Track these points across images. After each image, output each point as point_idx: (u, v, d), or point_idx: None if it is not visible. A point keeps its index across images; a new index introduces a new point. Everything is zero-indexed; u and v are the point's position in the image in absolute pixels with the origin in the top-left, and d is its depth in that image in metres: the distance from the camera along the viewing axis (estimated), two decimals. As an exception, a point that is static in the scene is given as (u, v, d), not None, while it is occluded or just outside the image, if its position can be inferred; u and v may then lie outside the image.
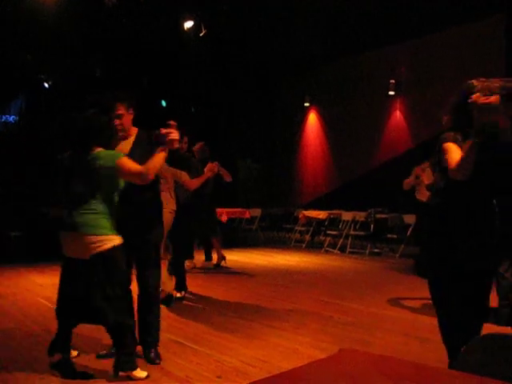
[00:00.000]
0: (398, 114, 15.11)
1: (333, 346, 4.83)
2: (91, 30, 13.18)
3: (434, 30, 13.14)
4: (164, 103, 17.33)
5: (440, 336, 3.54)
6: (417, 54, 14.19)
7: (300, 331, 5.62)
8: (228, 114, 18.85)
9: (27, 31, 12.90)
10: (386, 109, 15.26)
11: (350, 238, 12.86)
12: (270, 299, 7.33)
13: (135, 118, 4.62)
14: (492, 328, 3.33)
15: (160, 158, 4.21)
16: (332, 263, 11.18)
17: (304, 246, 13.92)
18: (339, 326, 5.89)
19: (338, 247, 12.95)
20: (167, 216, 6.00)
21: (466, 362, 1.83)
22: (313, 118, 17.82)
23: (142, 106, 4.92)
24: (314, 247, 13.74)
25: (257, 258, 11.72)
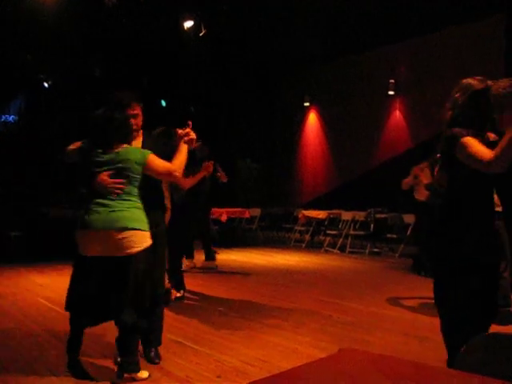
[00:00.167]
0: (397, 113, 15.12)
1: (332, 346, 4.83)
2: (91, 29, 13.19)
3: (433, 30, 13.15)
4: (164, 103, 17.34)
5: (440, 335, 3.54)
6: (416, 53, 14.20)
7: (300, 331, 5.62)
8: (228, 113, 18.86)
9: (27, 31, 12.91)
10: (385, 108, 15.27)
11: (349, 238, 12.86)
12: (270, 299, 7.33)
13: None
14: (492, 327, 3.33)
15: (184, 155, 4.26)
16: (332, 263, 11.18)
17: (304, 245, 13.93)
18: (339, 325, 5.89)
19: (337, 247, 12.95)
20: None
21: (467, 361, 1.83)
22: (312, 118, 17.82)
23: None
24: (313, 247, 13.75)
25: (256, 258, 11.73)
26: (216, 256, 10.25)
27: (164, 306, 4.97)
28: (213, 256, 10.16)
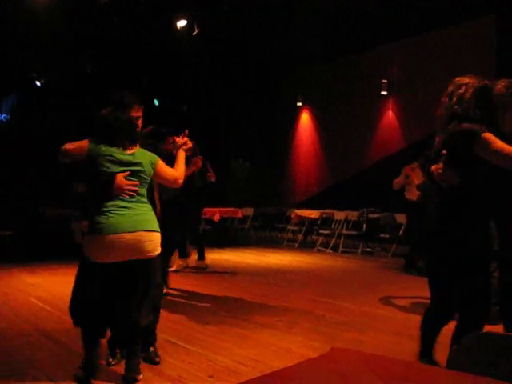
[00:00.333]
0: (390, 113, 15.14)
1: (325, 345, 4.83)
2: (83, 27, 13.15)
3: (426, 31, 13.18)
4: (157, 102, 17.31)
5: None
6: (409, 53, 14.23)
7: (292, 330, 5.61)
8: (221, 113, 18.85)
9: (19, 30, 12.86)
10: (378, 108, 15.29)
11: (342, 238, 12.87)
12: (263, 298, 7.33)
13: None
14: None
15: (184, 163, 4.34)
16: (324, 262, 11.19)
17: (296, 245, 13.93)
18: (331, 325, 5.89)
19: (330, 246, 12.96)
20: None
21: (459, 360, 1.83)
22: (305, 118, 17.83)
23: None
24: (306, 246, 13.76)
25: (249, 258, 11.72)
26: (189, 257, 10.07)
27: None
28: (203, 255, 10.12)
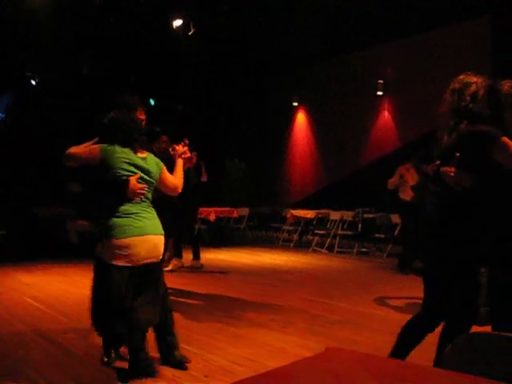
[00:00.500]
0: (385, 113, 15.15)
1: (320, 345, 4.83)
2: (79, 27, 13.13)
3: (421, 31, 13.19)
4: (152, 102, 17.29)
5: (428, 335, 3.55)
6: (405, 54, 14.23)
7: (287, 330, 5.62)
8: (218, 114, 18.84)
9: (15, 29, 12.84)
10: (374, 109, 15.29)
11: (337, 238, 12.88)
12: (258, 298, 7.32)
13: None
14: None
15: (182, 170, 4.38)
16: (320, 262, 11.20)
17: (292, 245, 13.94)
18: (326, 324, 5.90)
19: (325, 246, 12.97)
20: None
21: (453, 360, 1.83)
22: (301, 118, 17.83)
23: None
24: (301, 246, 13.76)
25: (244, 257, 11.72)
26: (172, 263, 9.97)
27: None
28: (198, 255, 10.12)
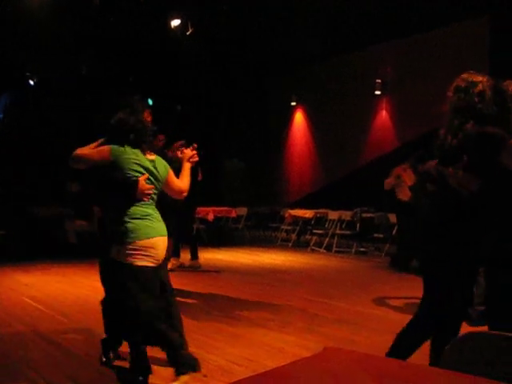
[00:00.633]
0: (384, 113, 15.16)
1: (318, 345, 4.83)
2: (78, 27, 13.12)
3: (420, 31, 13.20)
4: (150, 101, 17.27)
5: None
6: (403, 53, 14.24)
7: (286, 330, 5.62)
8: (215, 113, 18.83)
9: (14, 29, 12.82)
10: (372, 108, 15.31)
11: (336, 237, 12.87)
12: (256, 298, 7.32)
13: None
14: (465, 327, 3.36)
15: (189, 174, 4.32)
16: (318, 262, 11.20)
17: (290, 244, 13.93)
18: (325, 324, 5.90)
19: (324, 246, 12.97)
20: None
21: (451, 360, 1.83)
22: (299, 118, 17.84)
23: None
24: (300, 246, 13.76)
25: (243, 257, 11.71)
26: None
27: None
28: (196, 255, 10.11)
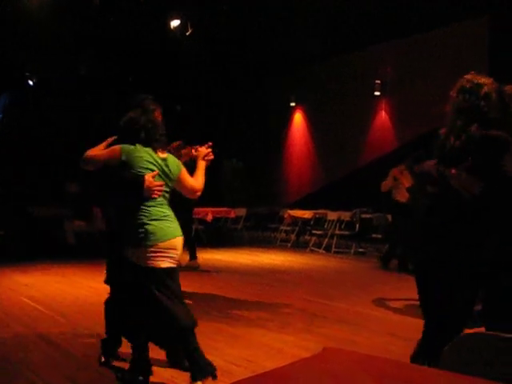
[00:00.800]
0: (383, 114, 15.16)
1: (318, 346, 4.81)
2: (79, 27, 13.12)
3: (420, 30, 13.20)
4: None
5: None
6: (402, 54, 14.24)
7: (285, 330, 5.62)
8: (214, 113, 18.83)
9: (13, 29, 12.82)
10: (371, 109, 15.30)
11: (335, 238, 12.87)
12: (255, 298, 7.32)
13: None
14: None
15: (204, 173, 4.28)
16: (317, 263, 11.19)
17: (289, 245, 13.92)
18: (324, 325, 5.89)
19: (323, 247, 12.96)
20: None
21: (450, 360, 1.83)
22: (298, 118, 17.83)
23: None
24: (299, 247, 13.75)
25: (242, 258, 11.71)
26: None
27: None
28: (195, 255, 10.10)
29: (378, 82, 14.76)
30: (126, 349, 4.54)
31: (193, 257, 10.09)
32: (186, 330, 3.89)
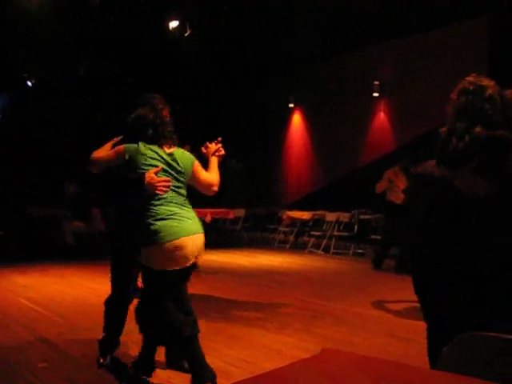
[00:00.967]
0: (382, 115, 15.16)
1: (317, 347, 4.81)
2: (79, 27, 13.12)
3: (420, 30, 13.20)
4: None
5: (424, 337, 3.54)
6: (401, 55, 14.24)
7: (284, 331, 5.61)
8: (213, 113, 18.83)
9: (13, 29, 12.82)
10: (370, 110, 15.30)
11: (333, 239, 12.87)
12: (254, 299, 7.32)
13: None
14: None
15: (217, 168, 4.29)
16: (316, 264, 11.19)
17: (288, 246, 13.92)
18: (323, 326, 5.89)
19: (321, 248, 12.96)
20: None
21: (449, 361, 1.82)
22: (297, 119, 17.83)
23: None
24: (297, 248, 13.75)
25: (240, 259, 11.71)
26: None
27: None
28: None
29: (377, 83, 14.75)
30: (125, 349, 4.55)
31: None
32: (186, 338, 3.85)
